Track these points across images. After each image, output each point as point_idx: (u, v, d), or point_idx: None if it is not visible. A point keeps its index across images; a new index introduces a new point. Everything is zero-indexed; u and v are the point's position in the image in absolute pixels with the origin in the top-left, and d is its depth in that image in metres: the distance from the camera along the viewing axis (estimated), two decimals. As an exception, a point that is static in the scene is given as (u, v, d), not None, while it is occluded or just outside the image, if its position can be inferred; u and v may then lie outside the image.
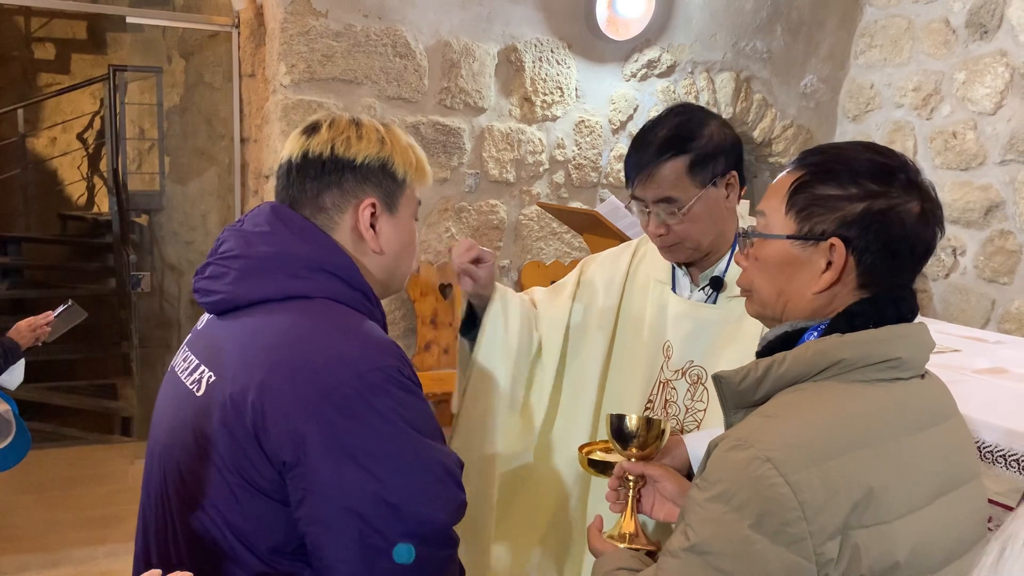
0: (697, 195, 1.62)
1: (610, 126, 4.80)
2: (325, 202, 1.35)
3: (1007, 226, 4.69)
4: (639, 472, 1.44)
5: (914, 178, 1.10)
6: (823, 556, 0.97)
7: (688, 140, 1.62)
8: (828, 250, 1.08)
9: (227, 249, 1.33)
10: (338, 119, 1.39)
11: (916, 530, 1.02)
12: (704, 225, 1.66)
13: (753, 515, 0.97)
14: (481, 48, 4.41)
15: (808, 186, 1.10)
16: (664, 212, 1.65)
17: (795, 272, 1.11)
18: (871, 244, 1.06)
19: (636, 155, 1.66)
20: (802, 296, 1.11)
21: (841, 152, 1.11)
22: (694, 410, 1.74)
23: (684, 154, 1.62)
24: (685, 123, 1.64)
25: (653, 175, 1.63)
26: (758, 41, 5.11)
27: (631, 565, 1.25)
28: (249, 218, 1.37)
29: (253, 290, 1.29)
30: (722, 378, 1.12)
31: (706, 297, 1.75)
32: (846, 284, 1.09)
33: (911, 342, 1.09)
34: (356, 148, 1.35)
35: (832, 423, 1.03)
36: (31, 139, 8.20)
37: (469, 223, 4.53)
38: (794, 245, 1.10)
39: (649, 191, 1.64)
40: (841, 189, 1.07)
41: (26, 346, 2.60)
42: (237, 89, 4.64)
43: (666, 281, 1.82)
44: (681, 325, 1.76)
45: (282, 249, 1.29)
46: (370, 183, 1.36)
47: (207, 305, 1.36)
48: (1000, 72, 4.63)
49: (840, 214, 1.07)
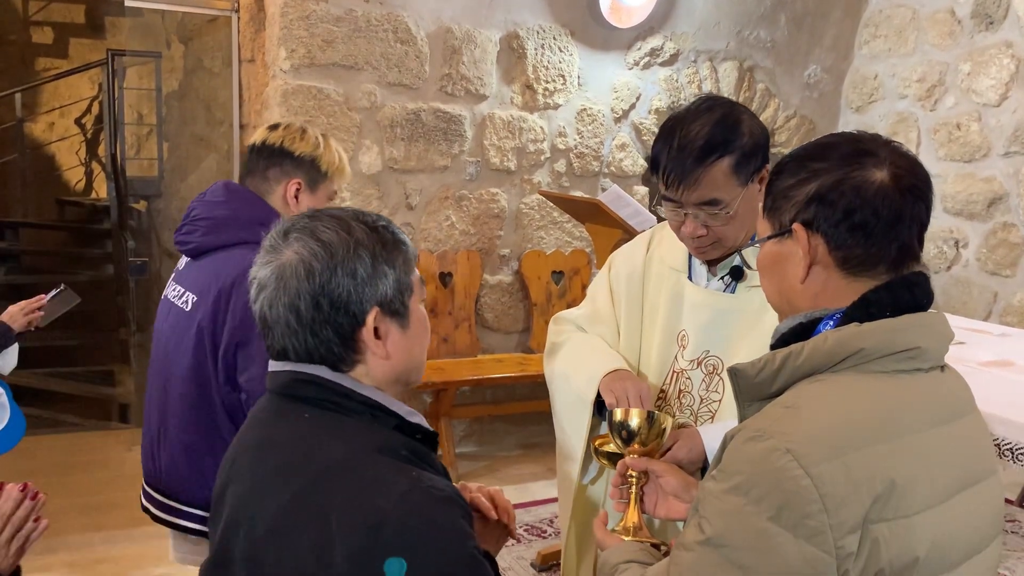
0: (740, 194, 1.58)
1: (612, 115, 4.77)
2: (268, 175, 2.05)
3: (1010, 218, 4.67)
4: (642, 468, 1.43)
5: (883, 153, 1.09)
6: (843, 550, 0.95)
7: (730, 140, 1.56)
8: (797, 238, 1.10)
9: (197, 214, 2.05)
10: (292, 124, 2.08)
11: (936, 525, 1.01)
12: (743, 223, 1.61)
13: (773, 507, 0.96)
14: (483, 34, 4.37)
15: (771, 185, 1.15)
16: (706, 214, 1.59)
17: (783, 269, 1.13)
18: (831, 218, 1.07)
19: (677, 158, 1.57)
20: (796, 289, 1.12)
21: (807, 145, 1.16)
22: (709, 401, 1.72)
23: (729, 155, 1.56)
24: (723, 120, 1.58)
25: (699, 179, 1.56)
26: (762, 30, 5.08)
27: (639, 558, 1.24)
28: (209, 192, 2.08)
29: (216, 240, 2.01)
30: (738, 371, 1.11)
31: (725, 286, 1.71)
32: (827, 266, 1.09)
33: (930, 331, 1.08)
34: (298, 145, 2.03)
35: (854, 415, 1.01)
36: (29, 124, 8.16)
37: (470, 211, 4.51)
38: (775, 243, 1.14)
39: (692, 195, 1.58)
40: (793, 177, 1.12)
41: (19, 330, 2.57)
42: (236, 74, 4.60)
43: (682, 269, 1.78)
44: (698, 314, 1.73)
45: (234, 211, 2.01)
46: (301, 170, 2.03)
47: (186, 251, 2.08)
48: (1005, 63, 4.60)
49: (796, 200, 1.10)
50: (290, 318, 1.15)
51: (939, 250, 5.01)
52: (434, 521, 1.07)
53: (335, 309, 1.14)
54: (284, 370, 1.19)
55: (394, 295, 1.18)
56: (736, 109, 1.63)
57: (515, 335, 4.75)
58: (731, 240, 1.64)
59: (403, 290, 1.19)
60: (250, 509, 1.15)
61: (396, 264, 1.18)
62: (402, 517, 1.05)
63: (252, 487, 1.17)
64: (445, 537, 1.08)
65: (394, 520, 1.05)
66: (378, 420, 1.18)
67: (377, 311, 1.16)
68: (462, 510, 1.13)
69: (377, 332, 1.17)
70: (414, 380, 1.27)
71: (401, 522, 1.05)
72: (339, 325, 1.15)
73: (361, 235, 1.16)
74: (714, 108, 1.61)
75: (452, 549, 1.08)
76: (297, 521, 1.09)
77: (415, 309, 1.23)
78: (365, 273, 1.15)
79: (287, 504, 1.11)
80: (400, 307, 1.19)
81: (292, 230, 1.17)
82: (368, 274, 1.15)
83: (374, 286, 1.16)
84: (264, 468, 1.16)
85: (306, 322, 1.14)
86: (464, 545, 1.09)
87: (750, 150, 1.58)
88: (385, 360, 1.19)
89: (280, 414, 1.19)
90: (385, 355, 1.19)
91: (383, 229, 1.19)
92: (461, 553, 1.08)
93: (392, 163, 4.26)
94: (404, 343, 1.20)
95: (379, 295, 1.16)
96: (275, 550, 1.10)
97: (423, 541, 1.06)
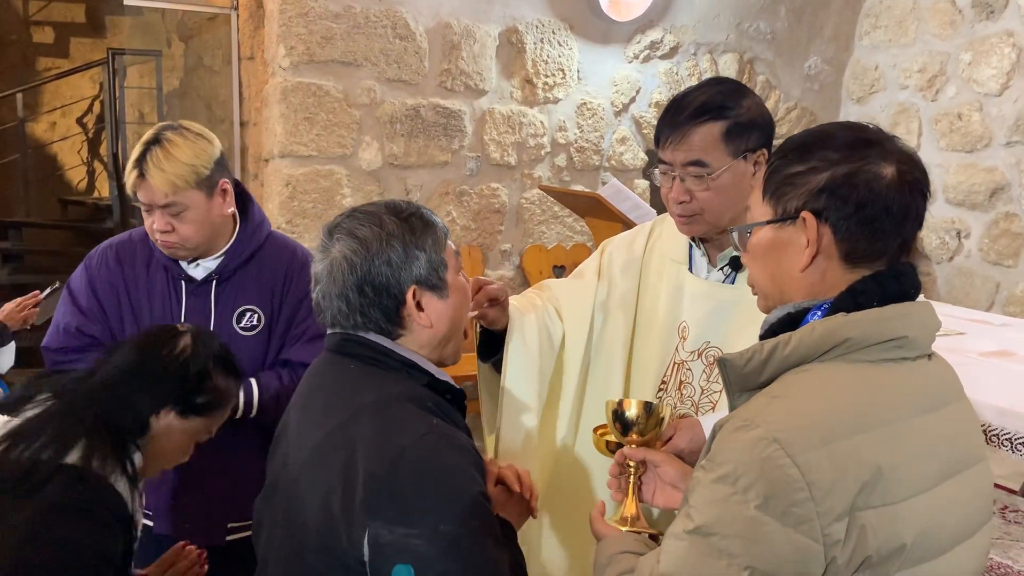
0: (728, 164, 1.60)
1: (612, 108, 4.77)
2: None
3: (1012, 208, 4.66)
4: (640, 458, 1.44)
5: (888, 146, 1.09)
6: (830, 537, 0.96)
7: (726, 107, 1.60)
8: (803, 226, 1.10)
9: None
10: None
11: (923, 512, 1.01)
12: (728, 198, 1.63)
13: (760, 496, 0.96)
14: (482, 29, 4.37)
15: (778, 170, 1.14)
16: (691, 177, 1.62)
17: (781, 255, 1.13)
18: (841, 211, 1.07)
19: (670, 116, 1.63)
20: (792, 277, 1.12)
21: (810, 132, 1.16)
22: (710, 391, 1.73)
23: (721, 120, 1.60)
24: (724, 91, 1.63)
25: (687, 136, 1.60)
26: (762, 22, 5.07)
27: (634, 548, 1.24)
28: None
29: None
30: (727, 361, 1.11)
31: (724, 277, 1.72)
32: (830, 257, 1.09)
33: (917, 320, 1.08)
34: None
35: (840, 403, 1.01)
36: (30, 124, 8.17)
37: (470, 207, 4.51)
38: (774, 229, 1.13)
39: (680, 153, 1.62)
40: (805, 165, 1.10)
41: (14, 328, 2.58)
42: (236, 72, 4.61)
43: (682, 261, 1.79)
44: (698, 305, 1.74)
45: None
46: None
47: None
48: (1007, 53, 4.59)
49: (807, 188, 1.09)
50: (341, 305, 1.34)
51: (941, 241, 5.00)
52: (445, 462, 1.22)
53: (377, 294, 1.32)
54: (336, 332, 1.38)
55: (428, 273, 1.34)
56: (742, 88, 1.67)
57: (517, 330, 4.75)
58: (714, 214, 1.64)
59: (436, 267, 1.35)
60: (298, 443, 1.34)
61: (426, 246, 1.34)
62: (418, 453, 1.20)
63: (300, 425, 1.36)
64: (453, 476, 1.22)
65: (410, 455, 1.20)
66: (412, 377, 1.35)
67: (415, 288, 1.33)
68: (474, 459, 1.27)
69: (420, 305, 1.34)
70: (452, 350, 1.42)
71: (416, 457, 1.20)
72: (384, 306, 1.33)
73: (392, 227, 1.33)
74: (721, 83, 1.66)
75: (459, 487, 1.21)
76: (330, 450, 1.26)
77: (453, 280, 1.38)
78: (399, 260, 1.32)
79: (324, 437, 1.28)
80: (437, 281, 1.35)
81: (335, 230, 1.36)
82: (401, 260, 1.32)
83: (408, 269, 1.33)
84: (313, 408, 1.36)
85: (355, 307, 1.33)
86: (469, 486, 1.22)
87: (746, 122, 1.61)
88: (429, 328, 1.36)
89: (331, 365, 1.38)
90: (429, 323, 1.36)
91: (412, 217, 1.35)
92: (466, 492, 1.21)
93: (392, 159, 4.27)
94: (445, 311, 1.37)
95: (415, 275, 1.33)
96: (310, 475, 1.28)
97: (433, 477, 1.20)
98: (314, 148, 4.07)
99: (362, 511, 1.19)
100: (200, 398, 1.57)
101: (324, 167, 4.12)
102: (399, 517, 1.18)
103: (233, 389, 1.66)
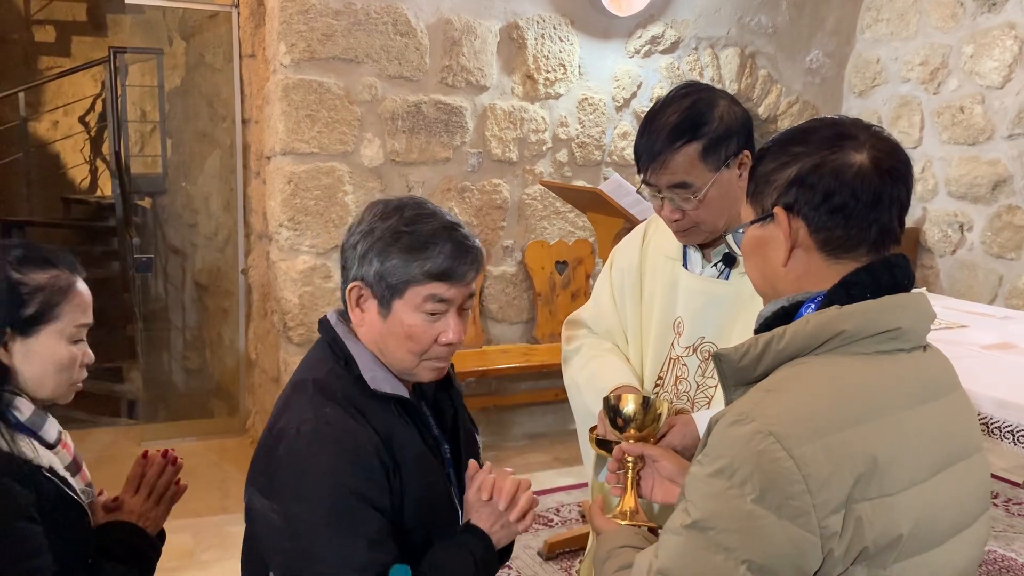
0: (711, 179, 1.60)
1: (613, 103, 4.76)
2: None
3: (1015, 201, 4.65)
4: (638, 453, 1.45)
5: (863, 137, 1.10)
6: (827, 529, 0.96)
7: (699, 125, 1.59)
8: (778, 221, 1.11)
9: None
10: None
11: (919, 503, 1.02)
12: (719, 208, 1.63)
13: (756, 490, 0.97)
14: (483, 25, 4.37)
15: (754, 171, 1.17)
16: (679, 198, 1.63)
17: (766, 252, 1.14)
18: (811, 201, 1.08)
19: (647, 141, 1.63)
20: (777, 273, 1.14)
21: (791, 129, 1.17)
22: (705, 387, 1.74)
23: (696, 140, 1.59)
24: (694, 106, 1.61)
25: (666, 163, 1.60)
26: (763, 16, 5.06)
27: (634, 543, 1.25)
28: None
29: None
30: (722, 356, 1.12)
31: (718, 273, 1.73)
32: (809, 249, 1.10)
33: (911, 312, 1.09)
34: None
35: (835, 396, 1.02)
36: (33, 123, 8.18)
37: (472, 203, 4.51)
38: (757, 228, 1.15)
39: (663, 178, 1.62)
40: (775, 162, 1.13)
41: None
42: (238, 70, 4.61)
43: (676, 257, 1.80)
44: (693, 301, 1.75)
45: None
46: None
47: None
48: (1009, 45, 4.57)
49: (777, 184, 1.12)
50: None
51: (944, 234, 4.99)
52: (311, 450, 1.32)
53: (344, 265, 1.44)
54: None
55: (374, 282, 1.39)
56: (713, 95, 1.65)
57: (519, 325, 4.76)
58: (709, 224, 1.66)
59: (387, 284, 1.38)
60: None
61: (388, 260, 1.38)
62: (293, 436, 1.34)
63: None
64: (314, 465, 1.31)
65: (287, 436, 1.35)
66: (347, 367, 1.43)
67: (359, 284, 1.41)
68: (357, 455, 1.33)
69: (359, 303, 1.42)
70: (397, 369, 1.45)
71: (291, 439, 1.34)
72: (344, 278, 1.45)
73: (379, 229, 1.39)
74: (689, 95, 1.64)
75: (317, 476, 1.31)
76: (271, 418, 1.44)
77: (401, 312, 1.39)
78: (359, 253, 1.40)
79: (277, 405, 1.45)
80: (383, 294, 1.40)
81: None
82: (360, 254, 1.40)
83: (359, 265, 1.41)
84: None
85: (342, 264, 1.45)
86: (329, 477, 1.31)
87: (721, 135, 1.60)
88: (359, 326, 1.45)
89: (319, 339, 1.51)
90: (359, 321, 1.44)
91: (404, 234, 1.37)
92: (324, 482, 1.31)
93: (394, 156, 4.27)
94: (377, 327, 1.42)
95: (362, 273, 1.40)
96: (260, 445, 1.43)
97: (298, 461, 1.32)
98: (316, 145, 4.08)
99: (249, 474, 1.41)
100: (28, 309, 1.42)
101: (326, 164, 4.12)
102: (266, 489, 1.35)
103: (62, 278, 1.48)
